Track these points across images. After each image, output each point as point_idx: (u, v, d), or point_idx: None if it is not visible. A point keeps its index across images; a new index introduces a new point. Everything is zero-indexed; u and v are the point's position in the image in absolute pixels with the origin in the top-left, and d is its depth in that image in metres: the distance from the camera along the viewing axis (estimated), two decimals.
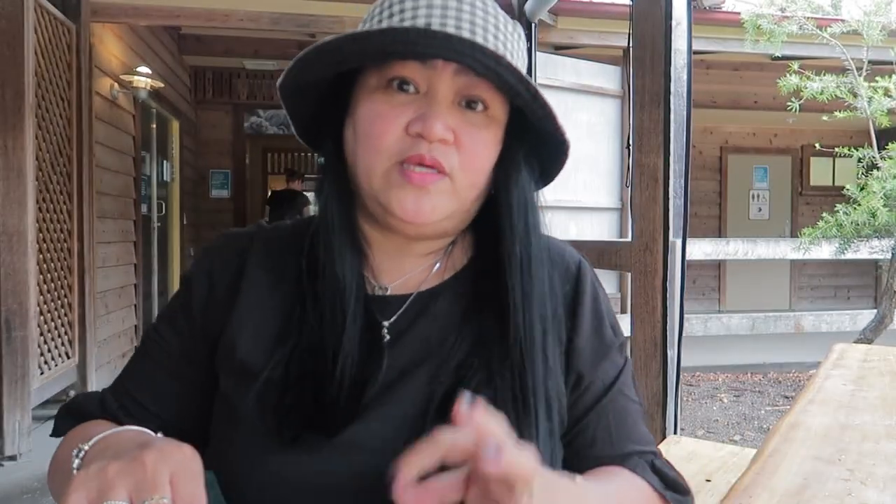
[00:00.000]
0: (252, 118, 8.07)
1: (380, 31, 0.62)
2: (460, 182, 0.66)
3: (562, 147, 0.70)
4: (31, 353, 3.60)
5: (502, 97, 0.67)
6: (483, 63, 0.60)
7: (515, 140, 0.70)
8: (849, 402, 1.59)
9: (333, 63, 0.65)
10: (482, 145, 0.66)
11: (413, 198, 0.64)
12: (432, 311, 0.70)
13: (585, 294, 0.75)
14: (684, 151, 2.37)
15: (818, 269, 8.66)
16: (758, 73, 7.14)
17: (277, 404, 0.64)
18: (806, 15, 4.42)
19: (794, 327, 4.63)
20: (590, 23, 5.40)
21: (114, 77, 5.07)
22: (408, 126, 0.63)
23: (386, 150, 0.64)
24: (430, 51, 0.61)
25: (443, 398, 0.64)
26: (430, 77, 0.64)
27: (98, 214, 4.61)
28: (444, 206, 0.66)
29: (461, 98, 0.65)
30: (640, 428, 0.76)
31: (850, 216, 3.79)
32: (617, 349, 0.76)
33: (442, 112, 0.63)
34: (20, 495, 3.10)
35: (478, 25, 0.65)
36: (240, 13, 4.77)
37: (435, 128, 0.62)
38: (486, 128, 0.66)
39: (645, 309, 2.40)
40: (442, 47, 0.60)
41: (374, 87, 0.66)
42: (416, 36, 0.61)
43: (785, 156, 8.68)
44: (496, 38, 0.66)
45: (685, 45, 2.38)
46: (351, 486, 0.62)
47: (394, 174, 0.64)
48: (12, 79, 3.46)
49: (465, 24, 0.64)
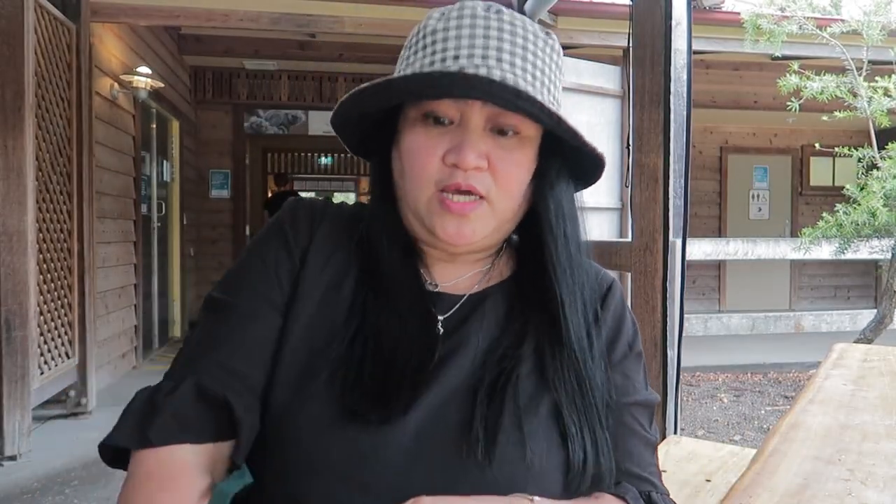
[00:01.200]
0: (252, 118, 8.06)
1: (411, 77, 0.68)
2: (497, 204, 0.71)
3: (594, 157, 0.75)
4: (31, 353, 3.60)
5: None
6: (504, 99, 0.65)
7: (550, 155, 0.75)
8: (849, 402, 1.59)
9: (376, 103, 0.72)
10: (515, 167, 0.71)
11: (454, 224, 0.70)
12: (482, 311, 0.76)
13: (609, 311, 0.79)
14: (684, 151, 2.37)
15: (818, 269, 8.66)
16: (758, 73, 7.13)
17: (343, 380, 0.68)
18: (806, 15, 4.41)
19: (794, 327, 4.63)
20: (590, 23, 5.40)
21: (114, 77, 5.07)
22: (445, 156, 0.69)
23: (427, 180, 0.70)
24: (454, 93, 0.67)
25: (488, 386, 0.70)
26: (462, 109, 0.70)
27: (98, 214, 4.61)
28: (483, 228, 0.72)
29: (492, 125, 0.71)
30: (645, 455, 0.76)
31: (850, 216, 3.79)
32: (630, 367, 0.79)
33: (474, 141, 0.69)
34: (20, 495, 3.10)
35: (504, 57, 0.69)
36: (240, 13, 4.77)
37: (468, 157, 0.68)
38: (518, 150, 0.71)
39: (645, 309, 2.40)
40: (467, 88, 0.66)
41: (413, 118, 0.72)
42: (441, 78, 0.67)
43: (785, 156, 8.68)
44: (524, 68, 0.70)
45: (685, 45, 2.38)
46: (402, 462, 0.66)
47: (434, 202, 0.70)
48: (12, 79, 3.46)
49: (491, 58, 0.69)
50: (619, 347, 0.78)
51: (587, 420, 0.70)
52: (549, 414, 0.70)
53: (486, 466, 0.65)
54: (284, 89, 7.87)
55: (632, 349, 0.79)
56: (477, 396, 0.69)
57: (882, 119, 4.10)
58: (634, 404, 0.76)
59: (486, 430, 0.66)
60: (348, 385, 0.68)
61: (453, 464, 0.66)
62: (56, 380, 4.02)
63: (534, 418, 0.69)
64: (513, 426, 0.68)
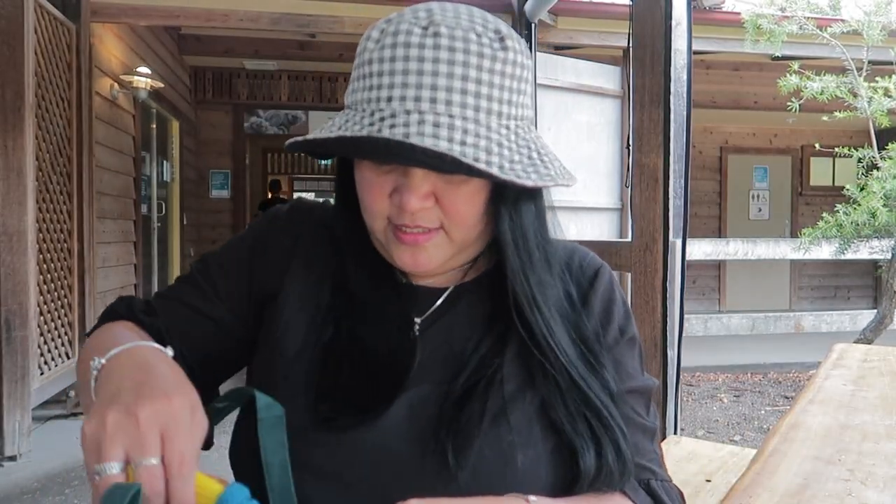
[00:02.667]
0: (252, 118, 8.07)
1: (332, 141, 0.63)
2: (454, 233, 0.68)
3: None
4: (31, 353, 3.60)
5: None
6: (426, 163, 0.60)
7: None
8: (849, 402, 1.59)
9: (317, 154, 0.70)
10: (464, 200, 0.67)
11: (410, 254, 0.69)
12: (461, 308, 0.75)
13: (596, 295, 0.77)
14: (684, 151, 2.38)
15: (818, 270, 8.66)
16: (758, 73, 7.13)
17: (318, 383, 0.69)
18: (806, 15, 4.42)
19: (794, 327, 4.63)
20: (590, 23, 5.40)
21: (114, 77, 5.07)
22: (391, 195, 0.67)
23: (378, 214, 0.68)
24: (377, 158, 0.65)
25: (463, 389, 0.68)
26: None
27: (98, 214, 4.61)
28: (441, 255, 0.69)
29: None
30: (643, 443, 0.74)
31: (850, 216, 3.79)
32: (622, 353, 0.76)
33: (415, 184, 0.64)
34: (20, 495, 3.10)
35: (439, 99, 0.62)
36: (240, 13, 4.77)
37: (410, 202, 0.64)
38: (465, 183, 0.66)
39: (645, 309, 2.40)
40: (388, 154, 0.61)
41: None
42: (361, 144, 0.62)
43: (785, 156, 8.68)
44: (463, 104, 0.62)
45: (685, 45, 2.39)
46: (381, 463, 0.66)
47: (389, 233, 0.69)
48: (12, 79, 3.46)
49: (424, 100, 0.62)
50: (609, 333, 0.75)
51: (581, 418, 0.68)
52: (535, 414, 0.69)
53: (458, 471, 0.64)
54: (284, 89, 7.87)
55: (623, 334, 0.76)
56: (447, 401, 0.68)
57: (882, 119, 4.10)
58: (630, 392, 0.74)
59: (457, 435, 0.65)
60: (323, 393, 0.68)
61: (428, 468, 0.65)
62: (56, 380, 4.02)
63: (516, 421, 0.68)
64: (492, 429, 0.66)
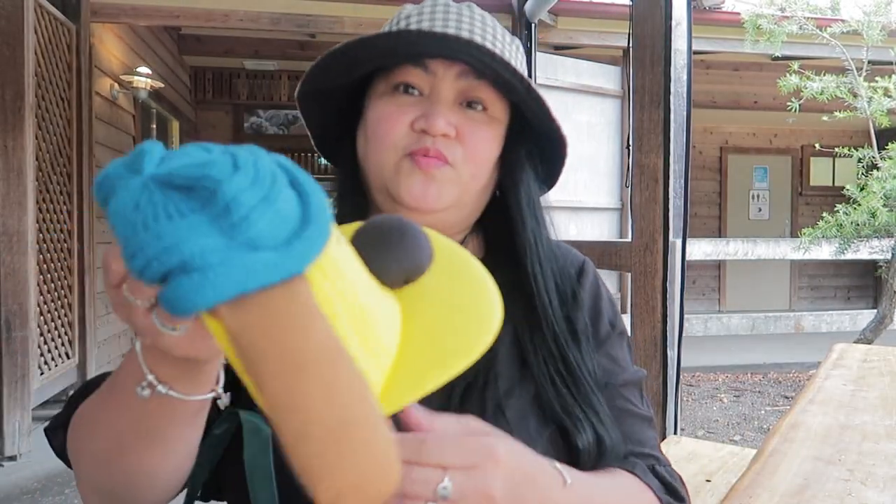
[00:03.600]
0: (252, 118, 8.07)
1: (385, 34, 0.68)
2: (463, 172, 0.70)
3: (560, 144, 0.74)
4: (31, 353, 3.60)
5: (501, 99, 0.72)
6: (479, 59, 0.66)
7: (517, 140, 0.75)
8: (849, 402, 1.59)
9: (345, 68, 0.70)
10: (483, 139, 0.71)
11: (420, 184, 0.69)
12: None
13: (584, 290, 0.78)
14: (684, 151, 2.38)
15: (818, 270, 8.66)
16: (758, 73, 7.14)
17: None
18: (806, 15, 4.42)
19: (794, 327, 4.64)
20: (590, 23, 5.40)
21: (114, 77, 5.07)
22: (413, 123, 0.69)
23: (394, 146, 0.69)
24: (429, 49, 0.68)
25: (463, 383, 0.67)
26: (433, 81, 0.70)
27: (98, 214, 4.61)
28: (448, 194, 0.70)
29: (462, 99, 0.71)
30: (644, 432, 0.75)
31: (850, 216, 3.79)
32: (614, 347, 0.77)
33: (443, 110, 0.68)
34: (20, 495, 3.10)
35: (476, 32, 0.70)
36: (240, 13, 4.77)
37: (437, 123, 0.67)
38: (486, 125, 0.71)
39: (645, 309, 2.40)
40: (441, 46, 0.67)
41: (382, 92, 0.72)
42: (417, 37, 0.68)
43: (785, 156, 8.68)
44: (493, 44, 0.71)
45: (685, 45, 2.39)
46: None
47: (403, 163, 0.69)
48: (12, 79, 3.46)
49: (464, 28, 0.70)
50: (601, 327, 0.76)
51: (581, 399, 0.68)
52: (529, 406, 0.68)
53: None
54: (284, 89, 7.87)
55: (614, 328, 0.77)
56: (451, 396, 0.66)
57: (882, 119, 4.11)
58: (624, 384, 0.75)
59: None
60: None
61: None
62: (56, 380, 4.02)
63: (516, 409, 0.67)
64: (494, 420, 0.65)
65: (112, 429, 0.53)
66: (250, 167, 0.32)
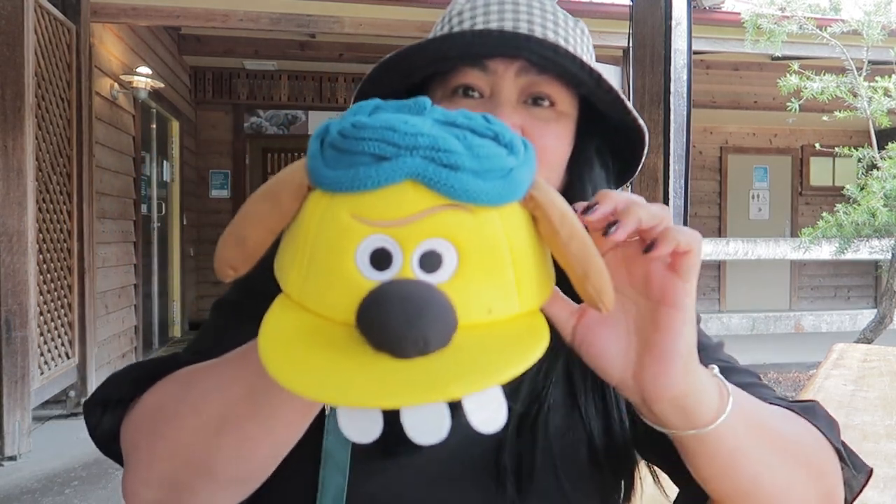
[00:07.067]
0: (252, 118, 8.06)
1: (440, 38, 0.64)
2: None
3: (636, 135, 0.68)
4: (31, 353, 3.60)
5: (568, 92, 0.66)
6: (540, 54, 0.61)
7: (586, 135, 0.69)
8: (849, 402, 1.59)
9: (400, 75, 0.66)
10: (553, 138, 0.65)
11: None
12: None
13: None
14: (684, 151, 2.38)
15: (818, 269, 8.66)
16: (758, 73, 7.13)
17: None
18: (806, 15, 4.42)
19: (794, 327, 4.64)
20: (590, 23, 5.25)
21: (114, 77, 5.07)
22: None
23: None
24: (486, 50, 0.63)
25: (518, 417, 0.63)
26: (493, 82, 0.65)
27: (98, 215, 4.61)
28: None
29: (526, 97, 0.65)
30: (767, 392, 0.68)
31: (850, 216, 3.79)
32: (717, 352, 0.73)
33: (507, 111, 0.63)
34: (20, 495, 3.10)
35: (535, 22, 0.65)
36: (240, 13, 4.77)
37: None
38: (555, 122, 0.65)
39: None
40: (498, 44, 0.62)
41: (440, 97, 0.66)
42: (473, 37, 0.63)
43: (785, 156, 8.68)
44: (556, 32, 0.66)
45: (685, 45, 2.39)
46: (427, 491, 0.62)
47: None
48: (12, 79, 3.46)
49: (522, 20, 0.65)
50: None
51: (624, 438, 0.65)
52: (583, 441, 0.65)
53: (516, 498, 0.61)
54: (284, 89, 7.87)
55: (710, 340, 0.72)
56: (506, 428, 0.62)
57: (882, 119, 4.11)
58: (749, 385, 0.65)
59: (518, 465, 0.61)
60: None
61: (481, 500, 0.62)
62: (56, 380, 4.02)
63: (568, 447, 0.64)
64: (546, 457, 0.63)
65: (222, 406, 0.51)
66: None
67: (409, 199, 0.39)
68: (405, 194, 0.39)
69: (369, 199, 0.39)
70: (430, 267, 0.39)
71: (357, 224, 0.39)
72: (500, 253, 0.41)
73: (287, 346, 0.39)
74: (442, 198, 0.39)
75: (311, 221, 0.41)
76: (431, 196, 0.39)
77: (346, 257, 0.39)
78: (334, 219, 0.40)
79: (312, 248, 0.41)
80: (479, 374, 0.37)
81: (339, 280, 0.39)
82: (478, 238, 0.40)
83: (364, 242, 0.39)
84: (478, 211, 0.40)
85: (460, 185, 0.39)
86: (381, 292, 0.38)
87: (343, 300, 0.39)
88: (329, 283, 0.40)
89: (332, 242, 0.40)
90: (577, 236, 0.44)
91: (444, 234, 0.39)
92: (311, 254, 0.41)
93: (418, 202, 0.39)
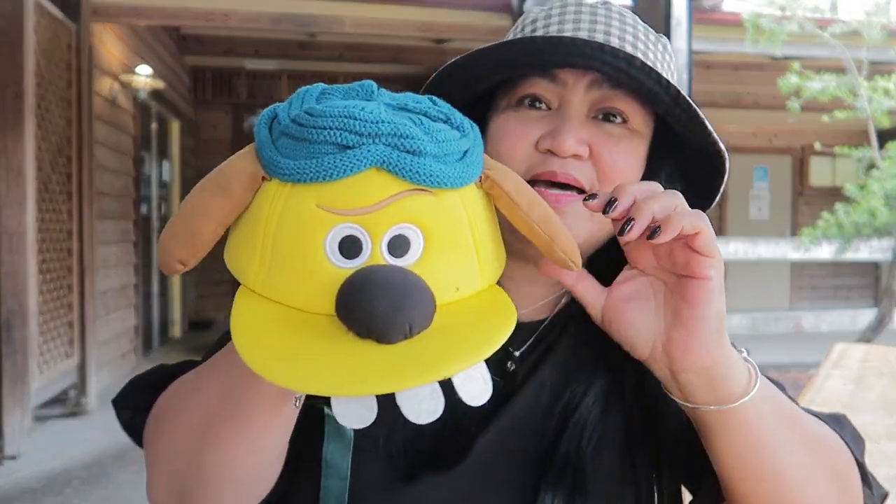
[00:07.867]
0: (252, 118, 8.06)
1: (507, 43, 0.60)
2: None
3: (717, 162, 0.63)
4: (31, 352, 3.60)
5: (644, 109, 0.61)
6: (613, 65, 0.56)
7: (659, 158, 0.64)
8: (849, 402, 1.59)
9: (464, 82, 0.62)
10: (623, 157, 0.60)
11: None
12: (557, 341, 0.65)
13: None
14: None
15: (818, 269, 8.65)
16: (758, 73, 7.13)
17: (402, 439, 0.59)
18: (806, 15, 4.42)
19: (794, 327, 4.64)
20: None
21: (114, 77, 5.07)
22: (538, 142, 0.59)
23: (515, 169, 0.54)
24: (556, 58, 0.58)
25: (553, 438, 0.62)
26: (562, 93, 0.60)
27: (98, 214, 4.61)
28: (579, 230, 0.58)
29: (597, 111, 0.61)
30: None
31: (850, 216, 3.80)
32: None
33: (574, 126, 0.58)
34: (20, 495, 3.10)
35: (613, 34, 0.61)
36: (240, 13, 4.77)
37: (566, 142, 0.57)
38: (627, 140, 0.61)
39: None
40: (569, 53, 0.57)
41: (504, 106, 0.63)
42: (543, 44, 0.59)
43: (785, 156, 8.67)
44: (634, 46, 0.61)
45: (685, 45, 2.39)
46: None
47: None
48: (12, 79, 3.46)
49: (599, 30, 0.61)
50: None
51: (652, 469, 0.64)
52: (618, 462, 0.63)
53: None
54: (284, 89, 7.87)
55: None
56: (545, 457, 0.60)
57: (882, 119, 4.11)
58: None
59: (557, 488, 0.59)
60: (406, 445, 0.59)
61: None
62: (56, 380, 4.02)
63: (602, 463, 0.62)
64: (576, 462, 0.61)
65: (202, 407, 0.51)
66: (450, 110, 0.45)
67: (374, 186, 0.40)
68: (370, 181, 0.40)
69: (334, 188, 0.39)
70: (398, 252, 0.40)
71: (323, 213, 0.39)
72: (462, 233, 0.43)
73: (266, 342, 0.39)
74: (406, 183, 0.40)
75: (270, 212, 0.41)
76: (396, 182, 0.40)
77: (315, 247, 0.39)
78: (298, 209, 0.40)
79: (275, 239, 0.40)
80: (468, 352, 0.39)
81: (310, 271, 0.40)
82: (442, 220, 0.41)
83: (332, 231, 0.39)
84: (440, 194, 0.41)
85: (424, 171, 0.40)
86: (360, 279, 0.38)
87: (315, 290, 0.40)
88: (298, 274, 0.40)
89: (297, 233, 0.40)
90: (536, 204, 0.46)
91: (411, 218, 0.40)
92: (274, 245, 0.41)
93: (384, 189, 0.40)
